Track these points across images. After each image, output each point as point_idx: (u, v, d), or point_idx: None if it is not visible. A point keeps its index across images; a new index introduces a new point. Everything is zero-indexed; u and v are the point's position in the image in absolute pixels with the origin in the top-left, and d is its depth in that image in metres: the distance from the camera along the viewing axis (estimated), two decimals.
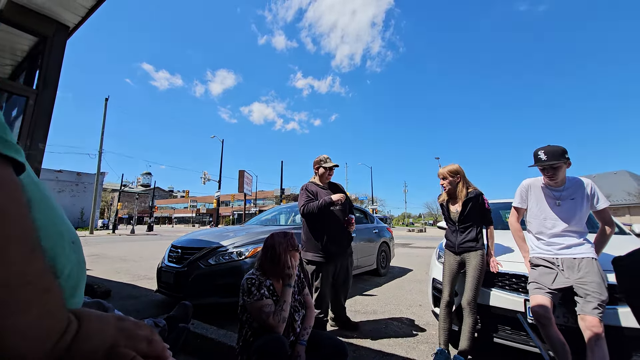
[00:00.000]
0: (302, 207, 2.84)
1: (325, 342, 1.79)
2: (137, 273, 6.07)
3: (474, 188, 2.50)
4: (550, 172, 2.09)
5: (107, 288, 4.20)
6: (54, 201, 0.50)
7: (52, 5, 2.92)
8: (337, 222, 2.90)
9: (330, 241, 2.80)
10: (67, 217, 0.55)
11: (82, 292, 0.56)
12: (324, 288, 2.81)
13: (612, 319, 1.87)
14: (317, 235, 2.83)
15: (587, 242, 2.06)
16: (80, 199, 34.32)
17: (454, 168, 2.52)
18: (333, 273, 2.90)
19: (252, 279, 1.74)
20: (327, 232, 2.82)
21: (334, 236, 2.83)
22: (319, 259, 2.79)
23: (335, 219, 2.89)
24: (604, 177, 35.37)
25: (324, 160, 3.03)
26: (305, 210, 2.82)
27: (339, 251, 2.87)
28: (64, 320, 0.34)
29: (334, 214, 2.89)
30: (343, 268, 2.98)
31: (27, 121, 2.86)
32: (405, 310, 3.73)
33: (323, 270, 2.79)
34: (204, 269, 3.32)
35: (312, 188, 2.97)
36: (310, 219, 2.88)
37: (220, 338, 2.38)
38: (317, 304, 2.77)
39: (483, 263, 2.32)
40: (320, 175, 3.04)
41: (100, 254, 9.42)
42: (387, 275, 6.15)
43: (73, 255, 0.51)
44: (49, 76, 3.01)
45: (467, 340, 2.25)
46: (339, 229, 2.90)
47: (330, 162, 3.03)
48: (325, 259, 2.79)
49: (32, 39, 3.16)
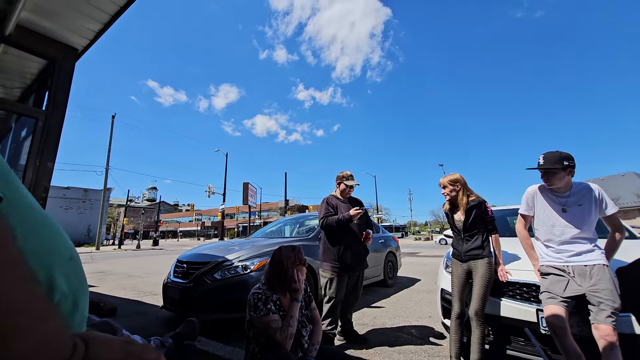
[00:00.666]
0: (322, 220, 2.95)
1: (333, 358, 1.75)
2: (143, 289, 6.05)
3: (476, 196, 2.50)
4: (545, 177, 2.13)
5: (113, 305, 4.18)
6: (49, 219, 0.51)
7: (61, 29, 3.02)
8: (355, 235, 2.98)
9: (346, 253, 2.88)
10: (66, 234, 0.55)
11: (85, 307, 0.56)
12: (338, 299, 2.85)
13: (625, 326, 1.83)
14: (334, 246, 2.91)
15: (597, 249, 2.02)
16: (87, 216, 34.56)
17: (454, 177, 2.54)
18: (349, 284, 2.97)
19: (258, 294, 1.73)
20: (344, 244, 2.90)
21: (350, 248, 2.91)
22: (335, 269, 2.85)
23: (352, 232, 2.97)
24: (612, 180, 34.85)
25: (346, 177, 3.16)
26: (325, 223, 2.92)
27: (354, 263, 2.92)
28: (68, 345, 0.34)
29: (351, 227, 2.98)
30: (353, 280, 3.03)
31: (36, 141, 2.92)
32: (414, 322, 3.66)
33: (338, 280, 2.84)
34: (210, 284, 3.30)
35: (333, 202, 3.09)
36: (328, 231, 2.98)
37: (227, 355, 2.35)
38: (328, 314, 2.82)
39: (491, 272, 2.28)
40: (342, 190, 3.17)
41: (106, 270, 9.43)
42: (394, 285, 6.06)
43: (71, 271, 0.51)
44: (58, 98, 3.09)
45: (478, 353, 2.19)
46: (356, 242, 2.98)
47: (352, 180, 3.16)
48: (340, 269, 2.85)
49: (41, 61, 3.26)
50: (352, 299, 3.08)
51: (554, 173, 2.08)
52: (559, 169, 2.05)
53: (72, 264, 0.53)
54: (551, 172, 2.09)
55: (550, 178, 2.11)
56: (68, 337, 0.35)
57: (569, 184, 2.13)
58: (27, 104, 3.54)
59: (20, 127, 3.32)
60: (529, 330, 2.11)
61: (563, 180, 2.09)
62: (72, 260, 0.53)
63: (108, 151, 23.44)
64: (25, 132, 3.17)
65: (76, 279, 0.52)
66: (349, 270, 2.91)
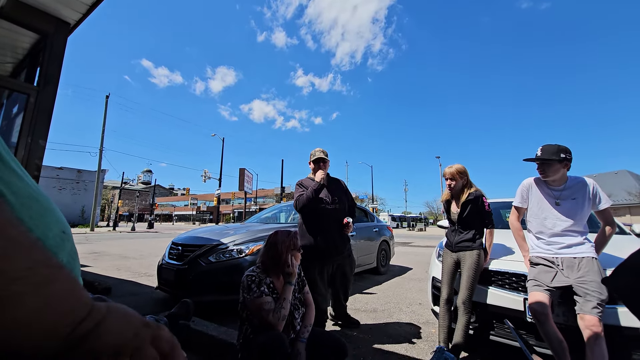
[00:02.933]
0: (295, 202, 2.77)
1: (325, 340, 1.79)
2: (137, 270, 6.08)
3: (476, 189, 2.50)
4: (541, 168, 2.16)
5: (107, 285, 4.22)
6: (39, 193, 0.50)
7: (53, 2, 2.91)
8: (332, 223, 2.78)
9: (322, 241, 2.70)
10: (58, 208, 0.55)
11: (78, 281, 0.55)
12: (321, 288, 2.70)
13: (611, 318, 1.86)
14: (310, 232, 2.74)
15: (587, 242, 2.06)
16: (81, 197, 34.34)
17: (462, 169, 2.51)
18: (329, 273, 2.80)
19: (252, 276, 1.74)
20: (321, 231, 2.72)
21: (326, 236, 2.72)
22: (308, 255, 2.63)
23: (329, 218, 2.78)
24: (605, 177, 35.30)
25: (312, 154, 2.95)
26: (298, 204, 2.73)
27: (331, 252, 2.75)
28: (81, 308, 0.33)
29: (329, 214, 2.78)
30: (340, 269, 2.88)
31: (28, 118, 2.86)
32: (405, 309, 3.74)
33: (313, 267, 2.66)
34: (204, 267, 3.33)
35: (307, 183, 2.87)
36: (305, 216, 2.81)
37: (220, 335, 2.39)
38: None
39: (479, 262, 2.32)
40: (312, 169, 2.96)
41: (101, 251, 9.44)
42: (387, 273, 6.16)
43: (64, 245, 0.51)
44: (50, 73, 3.01)
45: (461, 338, 2.26)
46: (333, 229, 2.78)
47: (318, 154, 2.90)
48: (315, 256, 2.68)
49: (33, 36, 3.15)
50: (342, 289, 2.96)
51: (550, 165, 2.10)
52: (555, 161, 2.07)
53: (65, 237, 0.52)
54: (547, 163, 2.10)
55: (546, 169, 2.12)
56: (81, 300, 0.34)
57: (565, 177, 2.15)
58: (18, 80, 3.44)
59: (12, 103, 3.24)
60: (509, 321, 2.18)
61: (558, 173, 2.11)
62: (65, 234, 0.52)
63: (102, 132, 23.09)
64: (17, 109, 3.10)
65: (68, 253, 0.52)
66: (326, 259, 2.73)
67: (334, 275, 2.87)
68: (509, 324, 2.16)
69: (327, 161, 2.95)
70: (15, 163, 0.47)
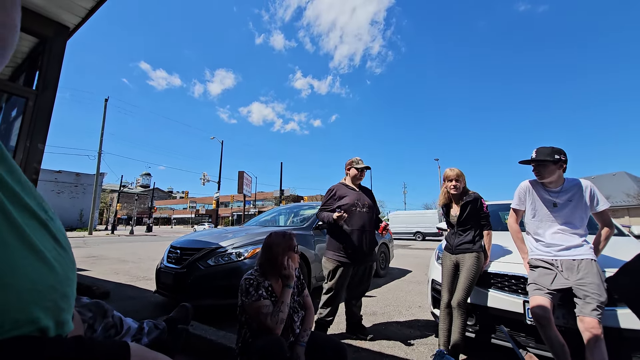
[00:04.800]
0: (318, 211, 2.92)
1: (325, 344, 1.78)
2: (136, 274, 6.05)
3: (472, 192, 2.54)
4: (537, 170, 2.17)
5: (105, 289, 4.19)
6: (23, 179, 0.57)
7: (52, 7, 2.92)
8: (362, 225, 2.79)
9: (351, 244, 2.72)
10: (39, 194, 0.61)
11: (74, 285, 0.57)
12: (338, 290, 2.72)
13: (611, 320, 1.86)
14: (338, 236, 2.77)
15: (586, 244, 2.06)
16: (79, 200, 34.25)
17: (460, 172, 2.53)
18: (351, 276, 2.82)
19: (250, 279, 1.74)
20: (350, 234, 2.75)
21: (356, 239, 2.74)
22: (337, 259, 2.71)
23: (360, 221, 2.78)
24: (603, 179, 35.37)
25: (355, 161, 2.99)
26: (318, 217, 2.88)
27: (360, 256, 2.76)
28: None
29: (359, 216, 2.79)
30: (360, 271, 2.88)
31: (26, 122, 2.86)
32: (404, 312, 3.73)
33: (340, 272, 2.70)
34: (203, 270, 3.31)
35: (341, 192, 2.89)
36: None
37: (219, 339, 2.37)
38: (326, 304, 2.72)
39: (478, 265, 2.32)
40: (352, 176, 2.97)
41: (99, 255, 9.40)
42: (386, 276, 6.15)
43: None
44: (49, 77, 3.01)
45: (458, 340, 2.26)
46: (363, 233, 2.78)
47: (362, 163, 2.97)
48: (344, 260, 2.71)
49: (32, 39, 3.16)
50: (356, 292, 2.93)
51: (545, 166, 2.11)
52: (550, 162, 2.08)
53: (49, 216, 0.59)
54: (542, 165, 2.12)
55: (542, 171, 2.13)
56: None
57: (561, 179, 2.15)
58: (17, 83, 3.44)
59: (11, 107, 3.23)
60: (504, 327, 2.20)
61: (554, 174, 2.11)
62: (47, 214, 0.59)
63: (101, 135, 23.08)
64: (16, 112, 3.10)
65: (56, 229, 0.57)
66: (354, 263, 2.74)
67: (353, 277, 2.85)
68: (503, 328, 2.19)
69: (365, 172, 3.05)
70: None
